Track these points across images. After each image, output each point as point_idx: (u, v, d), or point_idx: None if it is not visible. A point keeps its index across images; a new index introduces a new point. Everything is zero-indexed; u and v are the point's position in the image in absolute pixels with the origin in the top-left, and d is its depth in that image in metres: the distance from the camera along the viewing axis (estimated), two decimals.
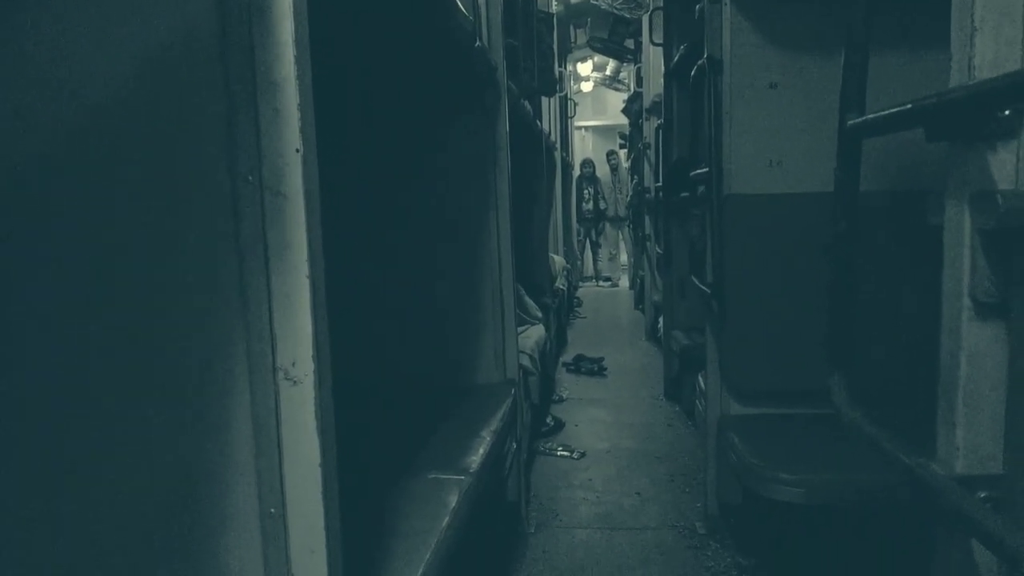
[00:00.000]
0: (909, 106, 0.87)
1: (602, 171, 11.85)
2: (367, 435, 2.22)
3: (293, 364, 0.92)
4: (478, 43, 2.31)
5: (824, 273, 1.25)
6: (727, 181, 2.66)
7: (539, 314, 4.07)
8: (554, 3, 6.32)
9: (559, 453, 3.64)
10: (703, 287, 2.81)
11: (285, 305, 0.92)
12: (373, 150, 2.69)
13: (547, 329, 4.30)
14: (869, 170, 1.24)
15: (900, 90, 2.27)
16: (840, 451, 2.14)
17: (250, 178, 0.92)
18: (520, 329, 3.71)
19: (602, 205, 11.68)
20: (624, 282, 11.19)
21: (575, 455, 3.62)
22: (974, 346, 0.85)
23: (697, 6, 3.28)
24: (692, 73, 3.08)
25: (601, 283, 11.55)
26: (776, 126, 2.63)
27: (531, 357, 3.37)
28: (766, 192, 2.63)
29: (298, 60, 0.91)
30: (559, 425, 4.08)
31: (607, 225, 11.85)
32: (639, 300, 7.89)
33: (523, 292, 4.08)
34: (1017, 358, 0.83)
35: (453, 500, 1.75)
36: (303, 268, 0.91)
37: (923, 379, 1.05)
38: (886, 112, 0.95)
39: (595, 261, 11.86)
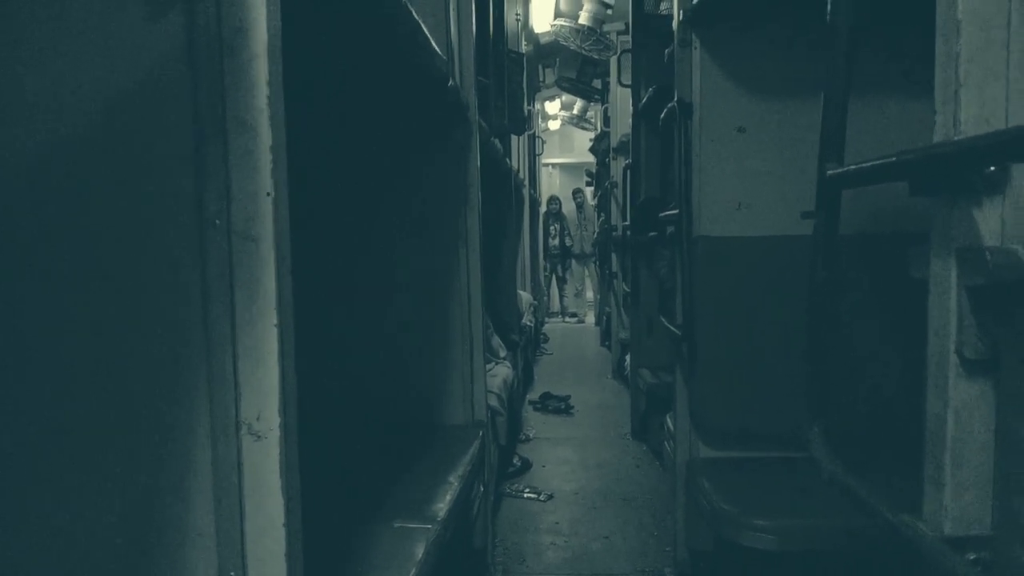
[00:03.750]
0: (893, 159, 0.87)
1: (568, 208, 11.95)
2: (334, 479, 2.15)
3: (258, 418, 0.87)
4: (452, 82, 2.30)
5: (793, 316, 1.24)
6: (696, 223, 2.66)
7: (504, 353, 4.03)
8: (524, 43, 6.39)
9: (526, 495, 3.58)
10: (672, 328, 2.80)
11: (251, 355, 0.87)
12: (346, 185, 2.65)
13: (514, 367, 4.26)
14: (845, 211, 1.23)
15: (877, 139, 2.31)
16: (813, 496, 2.12)
17: (217, 221, 0.88)
18: (487, 367, 3.66)
19: (568, 242, 11.75)
20: (590, 318, 11.21)
21: (542, 497, 3.56)
22: (961, 404, 0.84)
23: (667, 49, 3.34)
24: (662, 116, 3.10)
25: (567, 319, 11.56)
26: (745, 169, 2.65)
27: (499, 397, 3.32)
28: (735, 235, 2.64)
29: (271, 101, 0.88)
30: (526, 465, 4.02)
31: (573, 261, 11.92)
32: (605, 337, 7.90)
33: (491, 330, 4.05)
34: (1005, 416, 0.82)
35: (420, 551, 1.69)
36: (271, 316, 0.87)
37: (904, 430, 1.03)
38: (868, 164, 0.94)
39: (561, 297, 11.90)
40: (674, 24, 2.93)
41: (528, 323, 5.87)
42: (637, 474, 3.93)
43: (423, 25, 1.78)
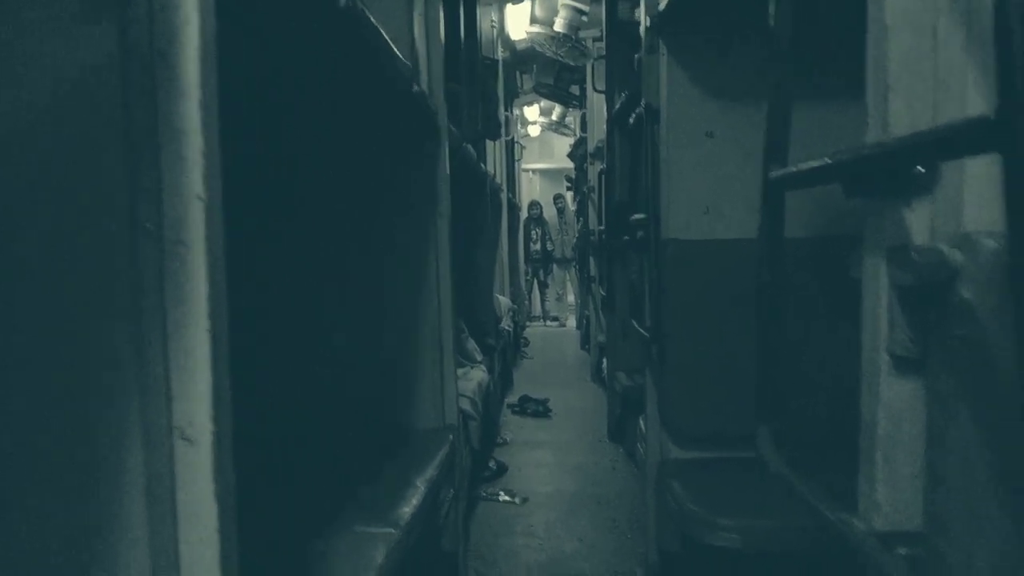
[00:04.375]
0: (828, 161, 0.87)
1: (549, 213, 11.98)
2: (296, 484, 2.13)
3: (190, 423, 0.87)
4: (416, 88, 2.30)
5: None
6: (665, 227, 2.68)
7: (480, 356, 4.03)
8: (500, 50, 6.40)
9: (501, 499, 3.57)
10: (642, 331, 2.81)
11: (183, 360, 0.87)
12: (312, 189, 2.64)
13: (490, 371, 4.26)
14: (795, 216, 1.24)
15: (831, 142, 2.33)
16: (779, 496, 2.13)
17: (149, 226, 0.87)
18: (461, 371, 3.66)
19: (549, 246, 11.78)
20: (571, 322, 11.23)
21: (517, 500, 3.56)
22: (893, 402, 0.85)
23: (636, 56, 3.35)
24: (631, 121, 3.12)
25: (549, 323, 11.58)
26: (712, 173, 2.66)
27: (472, 401, 3.31)
28: (703, 238, 2.66)
29: (204, 106, 0.88)
30: (502, 469, 4.01)
31: (555, 266, 11.95)
32: (585, 340, 7.91)
33: (466, 334, 4.04)
34: (933, 415, 0.83)
35: (380, 556, 1.68)
36: (203, 322, 0.86)
37: (850, 430, 1.04)
38: (806, 167, 0.95)
39: (543, 301, 11.91)
40: (641, 30, 2.94)
41: (507, 327, 5.87)
42: (613, 476, 3.94)
43: (382, 31, 1.78)
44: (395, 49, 1.96)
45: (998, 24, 0.55)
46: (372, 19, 1.64)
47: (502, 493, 3.64)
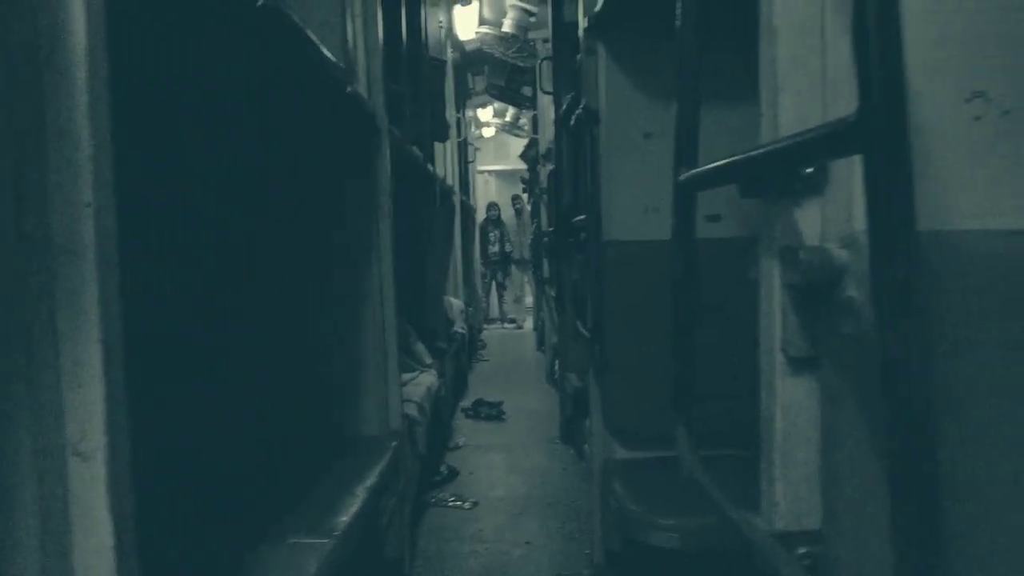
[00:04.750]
0: (725, 162, 0.89)
1: (507, 214, 11.99)
2: (229, 496, 2.09)
3: (83, 438, 0.84)
4: (351, 89, 2.27)
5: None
6: (605, 228, 2.69)
7: (429, 360, 4.01)
8: (450, 51, 6.39)
9: (450, 504, 3.56)
10: (584, 331, 2.82)
11: (74, 372, 0.84)
12: (247, 191, 2.59)
13: (442, 375, 4.24)
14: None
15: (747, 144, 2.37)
16: None
17: (36, 234, 0.84)
18: (409, 376, 3.63)
19: (508, 248, 11.78)
20: (530, 324, 11.25)
21: (467, 505, 3.54)
22: (788, 401, 0.86)
23: (577, 56, 3.37)
24: (571, 122, 3.13)
25: (506, 325, 11.58)
26: (651, 174, 2.68)
27: (419, 406, 3.29)
28: (643, 239, 2.68)
29: (92, 109, 0.85)
30: (453, 474, 4.00)
31: (513, 268, 11.96)
32: (541, 342, 7.93)
33: (414, 337, 4.02)
34: (827, 413, 0.84)
35: (313, 566, 1.65)
36: (94, 332, 0.84)
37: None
38: (708, 168, 0.96)
39: (501, 303, 11.91)
40: (580, 32, 2.96)
41: (460, 330, 5.85)
42: (563, 478, 3.95)
43: (309, 32, 1.75)
44: (324, 50, 1.94)
45: (856, 25, 0.56)
46: (295, 19, 1.62)
47: (452, 498, 3.62)
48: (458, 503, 3.56)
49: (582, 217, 2.91)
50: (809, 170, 0.83)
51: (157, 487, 1.63)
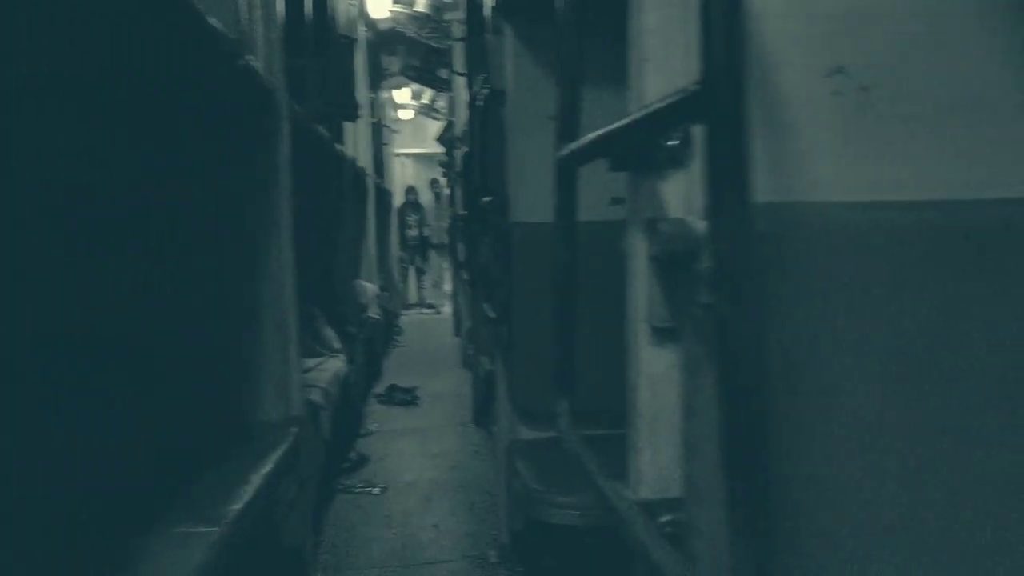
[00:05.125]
0: (597, 135, 0.88)
1: (427, 198, 11.89)
2: (112, 485, 2.00)
3: None
4: (243, 62, 2.18)
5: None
6: (512, 209, 2.68)
7: (338, 345, 3.93)
8: (363, 29, 6.25)
9: (359, 490, 3.51)
10: (491, 314, 2.82)
11: None
12: (133, 169, 2.46)
13: (352, 360, 4.16)
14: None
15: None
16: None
17: None
18: (315, 361, 3.56)
19: (426, 232, 11.69)
20: (449, 309, 11.20)
21: (376, 490, 3.51)
22: (652, 371, 0.87)
23: (486, 36, 3.35)
24: (480, 104, 3.11)
25: (425, 311, 11.50)
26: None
27: (324, 391, 3.22)
28: (548, 221, 2.67)
29: None
30: (363, 460, 3.95)
31: (432, 252, 11.88)
32: (459, 327, 7.91)
33: (322, 322, 3.93)
34: (687, 383, 0.85)
35: (199, 556, 1.59)
36: None
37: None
38: (583, 143, 0.96)
39: (419, 288, 11.82)
40: (487, 12, 2.93)
41: (374, 315, 5.77)
42: (474, 460, 3.95)
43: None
44: (211, 20, 1.85)
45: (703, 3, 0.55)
46: None
47: (360, 484, 3.57)
48: (367, 489, 3.52)
49: (489, 199, 2.90)
50: (674, 142, 0.83)
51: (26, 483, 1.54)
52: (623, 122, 0.79)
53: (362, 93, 5.90)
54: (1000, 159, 0.91)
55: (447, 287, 12.01)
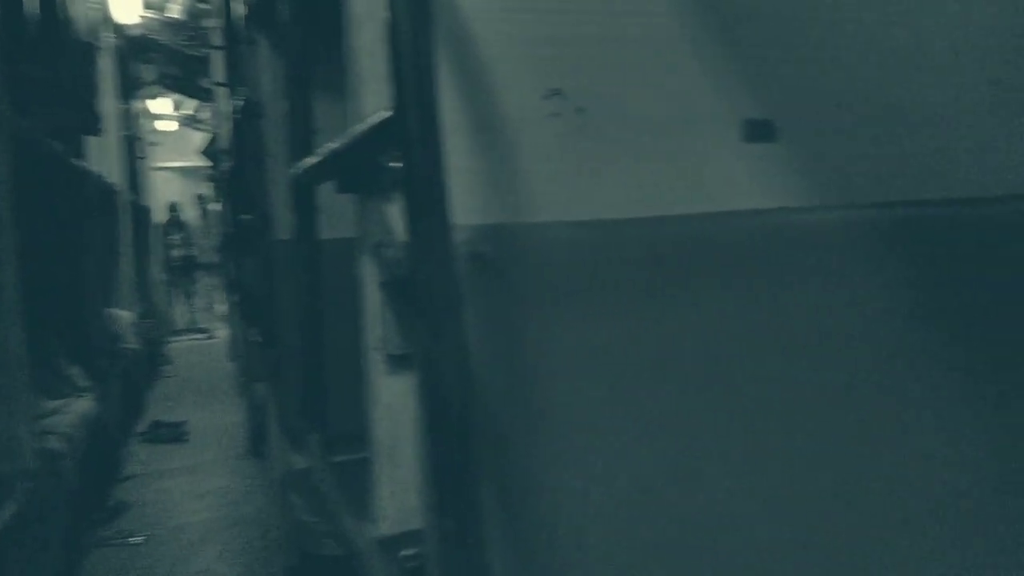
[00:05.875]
0: (320, 157, 0.84)
1: (194, 215, 11.11)
2: None
3: None
4: None
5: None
6: (274, 227, 2.55)
7: (86, 382, 3.52)
8: (113, 35, 5.70)
9: (116, 542, 3.16)
10: (258, 338, 2.66)
11: None
12: None
13: (104, 398, 3.75)
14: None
15: None
16: None
17: None
18: (58, 403, 3.16)
19: (194, 251, 10.91)
20: (224, 333, 10.51)
21: (137, 540, 3.18)
22: (390, 400, 0.85)
23: (241, 46, 3.17)
24: (237, 115, 2.94)
25: (196, 336, 10.71)
26: None
27: (67, 436, 2.87)
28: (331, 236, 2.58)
29: None
30: (121, 508, 3.57)
31: (201, 272, 11.09)
32: (235, 352, 7.45)
33: (64, 358, 3.51)
34: (421, 410, 0.83)
35: None
36: None
37: None
38: (312, 162, 0.91)
39: (190, 312, 10.99)
40: (240, 22, 2.78)
41: (133, 345, 5.26)
42: (251, 495, 3.72)
43: None
44: None
45: (391, 24, 0.53)
46: None
47: (118, 535, 3.22)
48: (126, 540, 3.18)
49: (251, 216, 2.75)
50: (398, 164, 0.81)
51: None
52: (337, 143, 0.76)
53: (109, 103, 5.38)
54: (706, 175, 0.99)
55: (221, 309, 11.29)
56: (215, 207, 9.57)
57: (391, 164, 0.79)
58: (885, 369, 1.03)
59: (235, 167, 4.33)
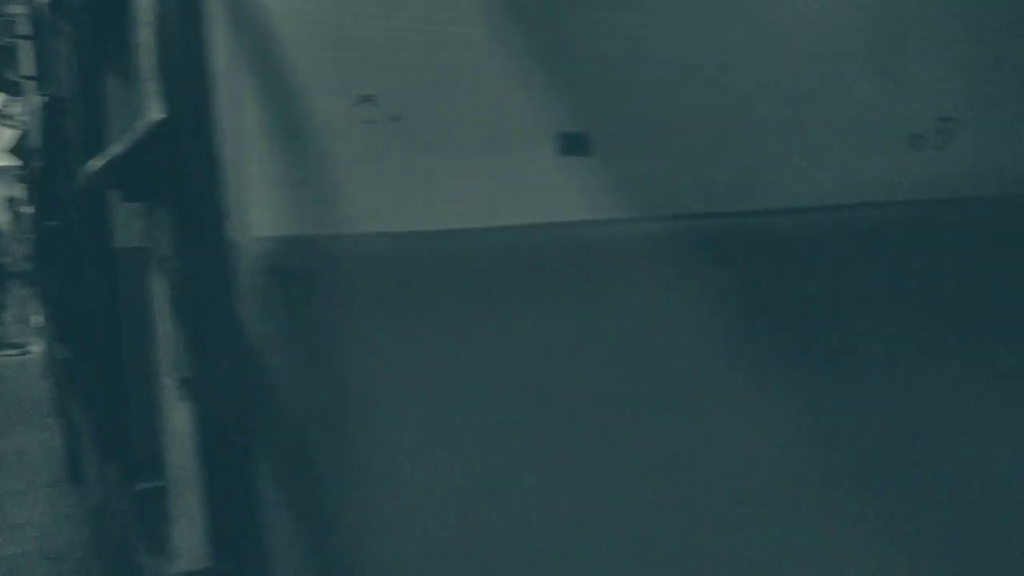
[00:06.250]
0: (103, 163, 0.77)
1: (4, 219, 10.09)
2: None
3: None
4: None
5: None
6: (77, 234, 2.35)
7: None
8: None
9: None
10: (66, 354, 2.44)
11: None
12: None
13: None
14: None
15: None
16: None
17: None
18: None
19: (5, 259, 9.91)
20: (40, 347, 9.59)
21: None
22: (182, 428, 0.79)
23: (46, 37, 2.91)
24: (46, 112, 2.69)
25: (8, 352, 9.73)
26: None
27: None
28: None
29: None
30: None
31: (14, 282, 10.10)
32: (50, 369, 6.81)
33: None
34: (196, 441, 0.78)
35: None
36: None
37: None
38: (94, 167, 0.83)
39: (1, 325, 9.97)
40: (45, 10, 2.54)
41: None
42: (66, 526, 3.41)
43: None
44: None
45: (158, 25, 0.49)
46: None
47: None
48: None
49: (54, 223, 2.51)
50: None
51: None
52: (120, 146, 0.69)
53: None
54: (523, 187, 1.00)
55: (36, 322, 10.31)
56: (27, 210, 8.72)
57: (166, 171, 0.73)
58: (700, 374, 1.07)
59: (44, 167, 3.96)
